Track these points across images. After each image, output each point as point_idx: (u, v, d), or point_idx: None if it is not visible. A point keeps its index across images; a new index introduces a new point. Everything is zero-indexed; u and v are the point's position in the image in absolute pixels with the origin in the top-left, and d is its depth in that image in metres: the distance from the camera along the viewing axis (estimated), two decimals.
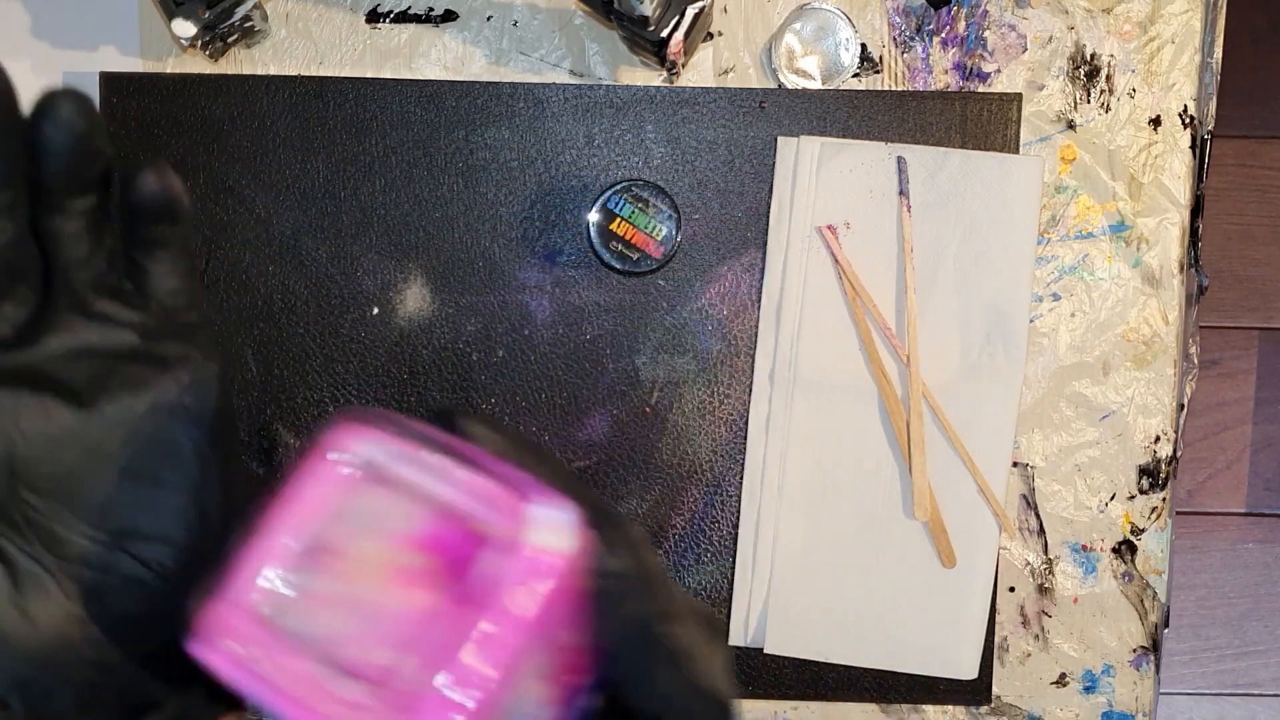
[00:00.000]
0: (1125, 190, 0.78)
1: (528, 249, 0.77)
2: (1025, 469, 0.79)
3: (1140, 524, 0.79)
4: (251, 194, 0.77)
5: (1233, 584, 1.64)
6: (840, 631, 0.77)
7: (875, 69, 0.78)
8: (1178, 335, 0.79)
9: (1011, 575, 0.79)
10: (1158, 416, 0.79)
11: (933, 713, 0.80)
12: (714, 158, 0.77)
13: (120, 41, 0.78)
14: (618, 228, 0.75)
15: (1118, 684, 0.80)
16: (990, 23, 0.78)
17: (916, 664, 0.78)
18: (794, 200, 0.76)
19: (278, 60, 0.78)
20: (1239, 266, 1.63)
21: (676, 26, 0.70)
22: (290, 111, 0.77)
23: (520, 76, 0.78)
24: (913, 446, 0.76)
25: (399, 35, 0.78)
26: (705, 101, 0.77)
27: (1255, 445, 1.63)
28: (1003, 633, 0.80)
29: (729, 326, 0.78)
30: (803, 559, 0.77)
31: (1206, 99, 0.79)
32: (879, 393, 0.77)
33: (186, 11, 0.69)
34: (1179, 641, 1.63)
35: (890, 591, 0.77)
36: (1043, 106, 0.78)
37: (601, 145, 0.77)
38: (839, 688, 0.79)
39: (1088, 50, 0.78)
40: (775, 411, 0.77)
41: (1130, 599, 0.80)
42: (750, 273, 0.77)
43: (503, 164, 0.77)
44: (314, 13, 0.78)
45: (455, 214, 0.77)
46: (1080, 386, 0.79)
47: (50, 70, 0.77)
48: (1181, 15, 0.78)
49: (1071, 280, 0.79)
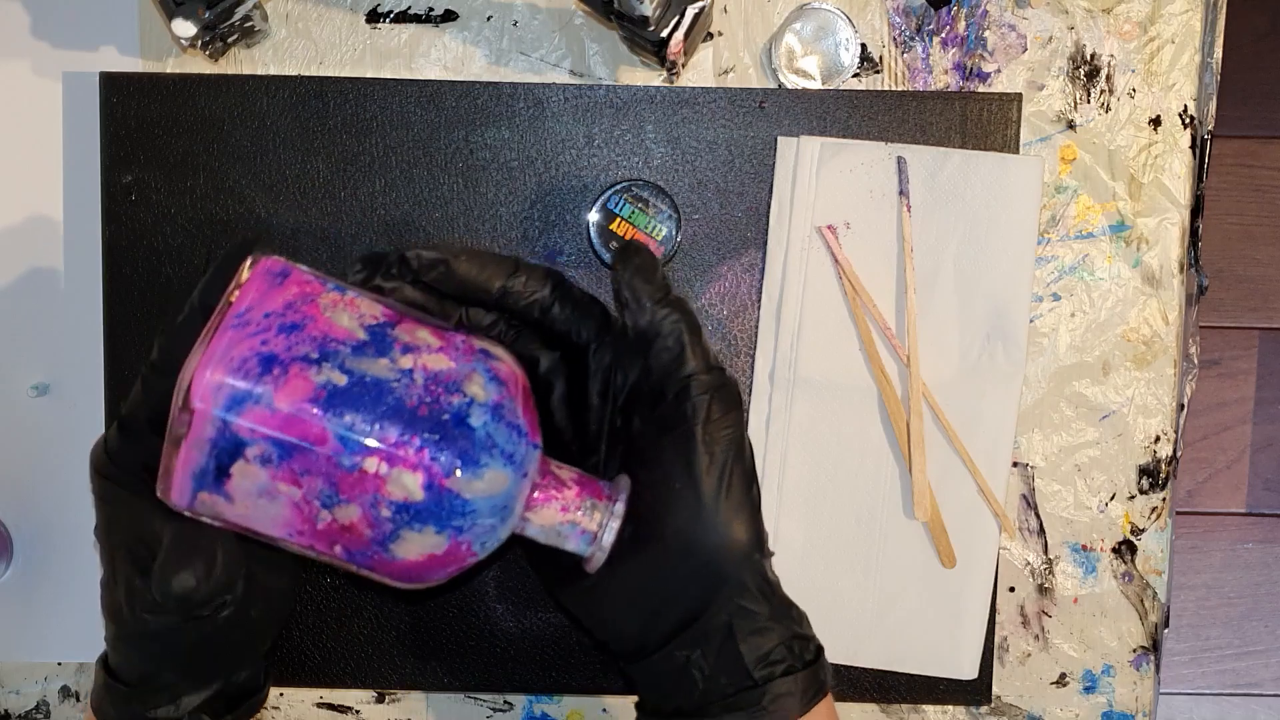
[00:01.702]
0: (1125, 190, 0.78)
1: (528, 249, 0.77)
2: (1025, 469, 0.79)
3: (1140, 524, 0.79)
4: (251, 194, 0.77)
5: (1233, 584, 1.64)
6: (840, 631, 0.77)
7: (875, 69, 0.78)
8: (1178, 335, 0.79)
9: (1011, 575, 0.79)
10: (1158, 416, 0.79)
11: (933, 713, 0.80)
12: (714, 158, 0.77)
13: (120, 41, 0.78)
14: (618, 228, 0.75)
15: (1118, 684, 0.80)
16: (990, 23, 0.78)
17: (916, 664, 0.78)
18: (794, 200, 0.76)
19: (278, 60, 0.78)
20: (1239, 266, 1.63)
21: (676, 26, 0.70)
22: (290, 111, 0.77)
23: (520, 76, 0.78)
24: (913, 446, 0.76)
25: (399, 35, 0.78)
26: (705, 101, 0.77)
27: (1255, 445, 1.63)
28: (1003, 633, 0.80)
29: (729, 326, 0.78)
30: (803, 559, 0.77)
31: (1206, 99, 0.79)
32: (879, 393, 0.77)
33: (186, 11, 0.69)
34: (1179, 641, 1.63)
35: (890, 591, 0.77)
36: (1043, 106, 0.78)
37: (601, 145, 0.77)
38: (839, 688, 0.79)
39: (1088, 50, 0.78)
40: (775, 411, 0.77)
41: (1130, 599, 0.80)
42: (750, 273, 0.77)
43: (503, 164, 0.77)
44: (314, 13, 0.78)
45: (455, 214, 0.77)
46: (1080, 386, 0.79)
47: (50, 70, 0.77)
48: (1181, 15, 0.78)
49: (1071, 280, 0.79)
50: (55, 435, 0.79)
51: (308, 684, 0.79)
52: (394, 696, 0.80)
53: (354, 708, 0.80)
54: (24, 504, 0.79)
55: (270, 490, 0.53)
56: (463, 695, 0.80)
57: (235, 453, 0.53)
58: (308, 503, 0.53)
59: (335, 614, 0.78)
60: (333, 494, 0.53)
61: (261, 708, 0.64)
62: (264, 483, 0.53)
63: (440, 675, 0.79)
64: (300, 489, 0.53)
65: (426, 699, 0.80)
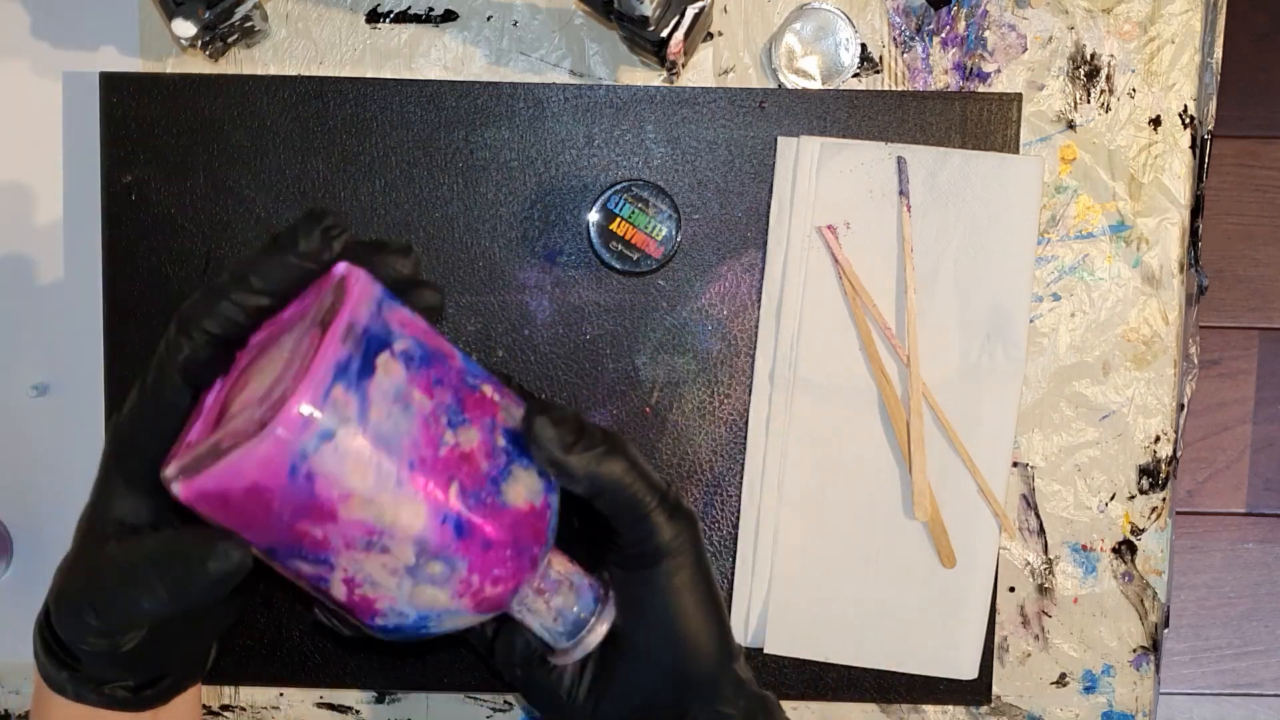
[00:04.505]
0: (1125, 190, 0.78)
1: (528, 249, 0.77)
2: (1025, 469, 0.79)
3: (1140, 524, 0.79)
4: (251, 194, 0.77)
5: (1233, 584, 1.64)
6: (840, 631, 0.77)
7: (875, 69, 0.78)
8: (1178, 335, 0.79)
9: (1011, 575, 0.79)
10: (1158, 416, 0.79)
11: (933, 713, 0.80)
12: (714, 158, 0.77)
13: (120, 41, 0.78)
14: (618, 228, 0.75)
15: (1118, 684, 0.80)
16: (990, 23, 0.78)
17: (916, 664, 0.78)
18: (794, 200, 0.76)
19: (278, 60, 0.78)
20: (1239, 266, 1.63)
21: (676, 26, 0.70)
22: (290, 111, 0.77)
23: (520, 76, 0.78)
24: (913, 446, 0.76)
25: (399, 35, 0.78)
26: (705, 101, 0.77)
27: (1255, 445, 1.63)
28: (1003, 633, 0.80)
29: (729, 326, 0.78)
30: (803, 559, 0.77)
31: (1206, 99, 0.79)
32: (879, 393, 0.77)
33: (186, 11, 0.69)
34: (1179, 641, 1.63)
35: (890, 591, 0.77)
36: (1043, 106, 0.78)
37: (601, 145, 0.77)
38: (839, 688, 0.79)
39: (1088, 50, 0.78)
40: (775, 411, 0.77)
41: (1130, 599, 0.80)
42: (750, 273, 0.77)
43: (503, 164, 0.77)
44: (314, 13, 0.78)
45: (455, 214, 0.77)
46: (1080, 386, 0.79)
47: (50, 70, 0.77)
48: (1181, 15, 0.78)
49: (1071, 280, 0.79)
50: (55, 435, 0.79)
51: (308, 684, 0.79)
52: (394, 696, 0.80)
53: (354, 708, 0.80)
54: (24, 504, 0.79)
55: (406, 397, 0.51)
56: (463, 695, 0.80)
57: (384, 344, 0.51)
58: (436, 420, 0.51)
59: None
60: (458, 411, 0.52)
61: (193, 684, 0.62)
62: (402, 385, 0.51)
63: (440, 675, 0.79)
64: (431, 400, 0.51)
65: (426, 699, 0.80)
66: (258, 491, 0.49)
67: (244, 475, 0.49)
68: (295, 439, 0.48)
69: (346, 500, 0.50)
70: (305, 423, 0.48)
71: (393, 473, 0.51)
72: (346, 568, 0.52)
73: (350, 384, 0.49)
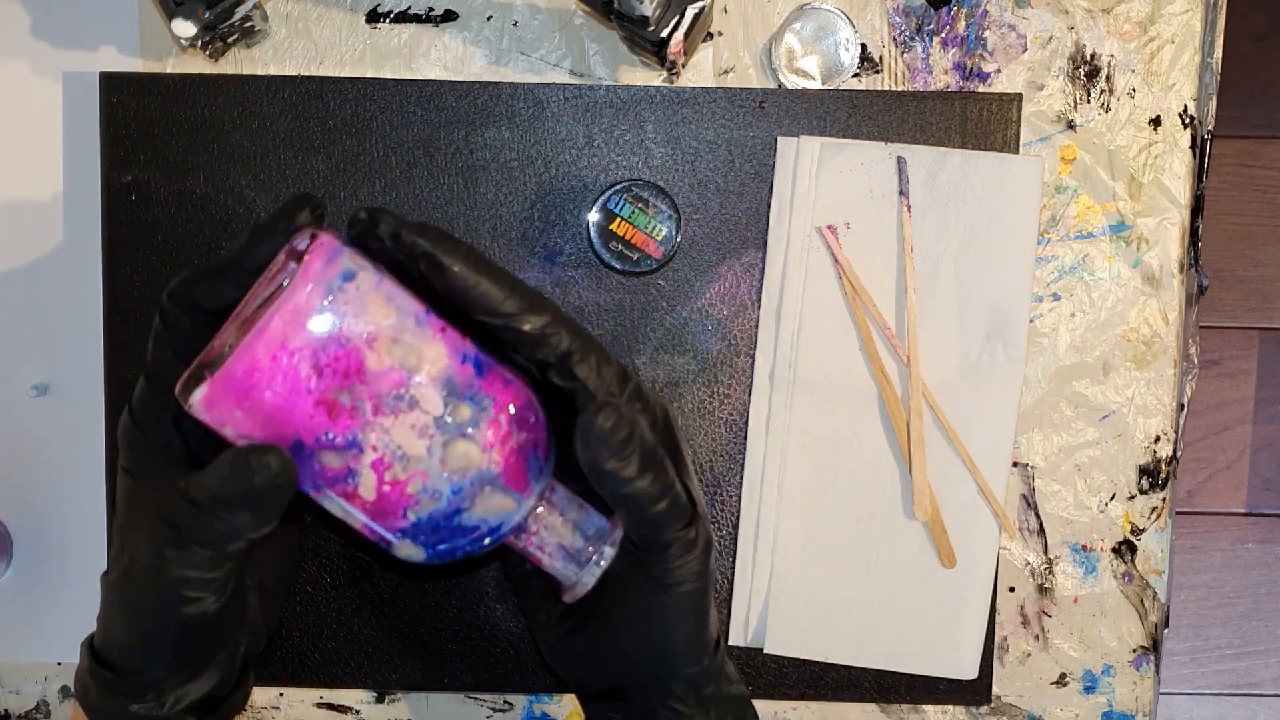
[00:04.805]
0: (1125, 190, 0.78)
1: (528, 249, 0.77)
2: (1025, 469, 0.79)
3: (1140, 524, 0.79)
4: (251, 194, 0.77)
5: (1233, 584, 1.64)
6: (840, 631, 0.77)
7: (875, 69, 0.78)
8: (1178, 335, 0.79)
9: (1011, 575, 0.79)
10: (1158, 416, 0.79)
11: (933, 713, 0.80)
12: (714, 158, 0.77)
13: (120, 41, 0.78)
14: (618, 228, 0.75)
15: (1118, 684, 0.80)
16: (990, 23, 0.78)
17: (916, 664, 0.78)
18: (794, 200, 0.76)
19: (278, 60, 0.78)
20: (1239, 266, 1.63)
21: (676, 26, 0.70)
22: (290, 111, 0.77)
23: (520, 76, 0.78)
24: (913, 446, 0.76)
25: (399, 35, 0.78)
26: (705, 101, 0.77)
27: (1255, 445, 1.63)
28: (1003, 633, 0.80)
29: (729, 326, 0.78)
30: (803, 559, 0.77)
31: (1206, 99, 0.79)
32: (879, 393, 0.77)
33: (186, 11, 0.69)
34: (1179, 641, 1.63)
35: (890, 591, 0.77)
36: (1043, 106, 0.78)
37: (601, 145, 0.77)
38: (839, 688, 0.79)
39: (1088, 50, 0.78)
40: (775, 411, 0.77)
41: (1130, 599, 0.80)
42: (750, 273, 0.77)
43: (503, 164, 0.77)
44: (314, 13, 0.78)
45: (455, 214, 0.77)
46: (1080, 386, 0.79)
47: (50, 70, 0.77)
48: (1181, 15, 0.78)
49: (1071, 280, 0.79)
50: (55, 435, 0.79)
51: (308, 684, 0.79)
52: (394, 696, 0.80)
53: (354, 708, 0.80)
54: (24, 504, 0.79)
55: (392, 288, 0.55)
56: (463, 695, 0.80)
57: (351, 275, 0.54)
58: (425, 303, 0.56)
59: (335, 614, 0.78)
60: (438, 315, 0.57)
61: (241, 710, 0.64)
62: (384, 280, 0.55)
63: (440, 675, 0.79)
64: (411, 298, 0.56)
65: (426, 699, 0.80)
66: (285, 354, 0.52)
67: (271, 342, 0.52)
68: (321, 277, 0.53)
69: (373, 342, 0.53)
70: (331, 256, 0.53)
71: (411, 309, 0.55)
72: (375, 444, 0.54)
73: (352, 254, 0.55)
